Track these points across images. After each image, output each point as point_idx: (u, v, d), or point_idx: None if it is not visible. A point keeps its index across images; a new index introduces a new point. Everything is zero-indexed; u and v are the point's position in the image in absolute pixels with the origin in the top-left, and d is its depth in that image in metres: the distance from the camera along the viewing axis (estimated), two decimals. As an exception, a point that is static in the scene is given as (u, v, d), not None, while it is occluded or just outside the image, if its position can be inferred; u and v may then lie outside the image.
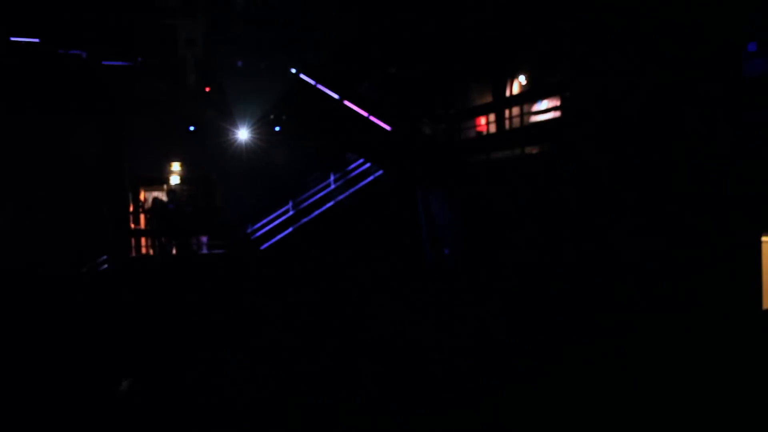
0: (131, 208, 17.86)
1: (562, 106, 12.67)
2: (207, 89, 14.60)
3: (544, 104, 13.97)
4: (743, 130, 8.23)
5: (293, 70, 15.15)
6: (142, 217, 18.25)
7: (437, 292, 13.56)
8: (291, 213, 16.70)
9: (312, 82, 15.20)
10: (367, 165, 16.88)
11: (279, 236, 16.49)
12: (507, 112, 14.18)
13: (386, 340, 10.32)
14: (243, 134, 15.56)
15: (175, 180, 17.61)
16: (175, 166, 17.44)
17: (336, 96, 15.42)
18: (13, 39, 14.48)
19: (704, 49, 8.72)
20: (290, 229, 16.50)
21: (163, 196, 17.11)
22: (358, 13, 15.73)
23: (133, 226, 17.95)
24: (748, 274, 8.11)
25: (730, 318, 7.58)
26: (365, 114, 15.41)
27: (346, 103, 15.46)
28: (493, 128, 14.51)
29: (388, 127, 15.48)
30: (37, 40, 14.59)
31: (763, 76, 8.27)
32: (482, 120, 15.11)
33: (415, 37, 15.59)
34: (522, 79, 15.31)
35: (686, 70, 8.83)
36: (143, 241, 17.56)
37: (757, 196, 7.97)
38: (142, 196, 18.55)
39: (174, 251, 16.37)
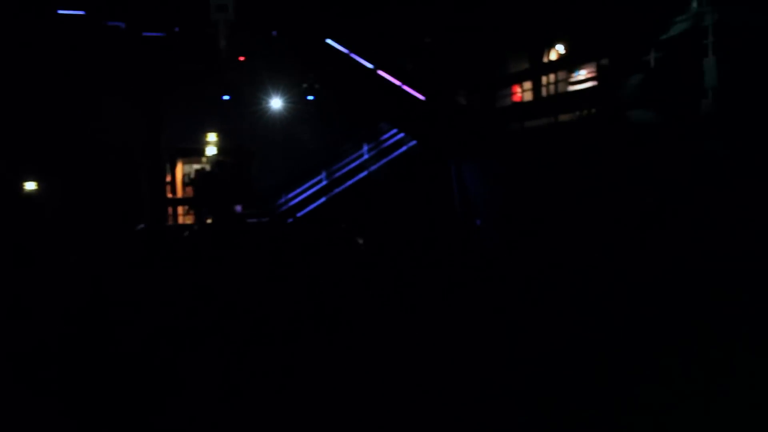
0: (168, 179, 18.15)
1: (598, 74, 12.40)
2: (241, 59, 14.65)
3: (582, 74, 13.69)
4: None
5: (327, 40, 15.08)
6: (179, 187, 18.55)
7: (470, 262, 13.48)
8: (324, 183, 16.78)
9: (345, 51, 15.12)
10: (401, 135, 16.82)
11: (312, 205, 16.62)
12: (544, 79, 13.91)
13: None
14: (277, 104, 15.63)
15: (211, 151, 17.79)
16: (211, 137, 17.60)
17: (370, 65, 15.32)
18: (60, 12, 14.70)
19: None
20: (323, 199, 16.60)
21: (205, 168, 17.35)
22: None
23: (170, 195, 18.26)
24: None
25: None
26: (399, 83, 15.30)
27: (380, 72, 15.35)
28: (528, 96, 14.27)
29: (422, 97, 15.35)
30: (82, 13, 14.79)
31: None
32: (518, 90, 14.87)
33: (451, 5, 15.37)
34: (560, 48, 14.99)
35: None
36: (180, 210, 17.86)
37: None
38: (179, 167, 18.82)
39: (209, 220, 16.63)
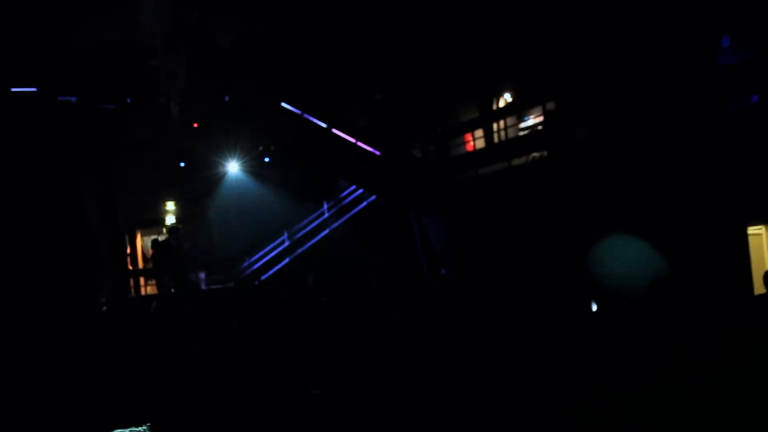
0: (128, 250, 17.91)
1: (545, 118, 12.81)
2: (195, 125, 14.74)
3: (530, 122, 14.16)
4: (725, 118, 8.32)
5: (280, 101, 15.32)
6: (140, 257, 18.30)
7: (436, 311, 13.44)
8: (287, 244, 16.74)
9: (299, 112, 15.35)
10: (360, 191, 16.97)
11: (276, 267, 16.51)
12: (495, 126, 14.30)
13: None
14: (234, 168, 15.68)
15: (170, 219, 17.67)
16: (170, 205, 17.52)
17: (323, 125, 15.54)
18: (14, 90, 14.71)
19: (681, 44, 8.85)
20: (287, 260, 16.53)
21: (160, 237, 17.17)
22: (343, 42, 15.97)
23: (131, 267, 17.99)
24: (738, 265, 8.11)
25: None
26: (353, 140, 15.52)
27: (334, 131, 15.57)
28: (481, 144, 14.63)
29: (377, 152, 15.58)
30: (34, 90, 14.82)
31: (738, 67, 8.38)
32: (470, 139, 15.24)
33: (399, 62, 15.81)
34: (508, 97, 15.49)
35: (665, 63, 8.94)
36: (141, 281, 17.57)
37: (741, 185, 7.99)
38: (138, 238, 18.61)
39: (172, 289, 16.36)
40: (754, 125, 7.77)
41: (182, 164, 15.27)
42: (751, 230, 8.67)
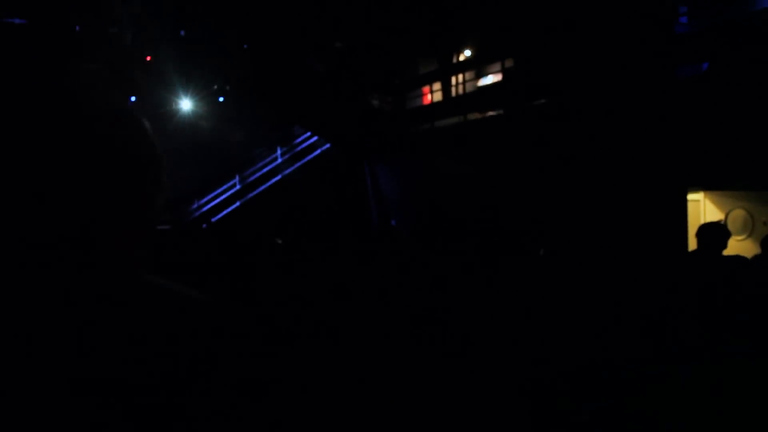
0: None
1: (503, 75, 12.88)
2: (148, 58, 14.26)
3: (490, 79, 14.20)
4: (676, 85, 8.53)
5: (237, 41, 14.94)
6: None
7: (383, 260, 13.58)
8: (238, 187, 16.55)
9: (256, 54, 15.01)
10: (315, 138, 16.83)
11: (225, 211, 16.34)
12: (453, 80, 14.31)
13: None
14: (187, 106, 15.28)
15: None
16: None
17: (282, 69, 15.25)
18: None
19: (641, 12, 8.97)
20: (237, 204, 16.36)
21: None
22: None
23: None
24: (677, 228, 8.43)
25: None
26: (312, 87, 15.30)
27: (292, 76, 15.31)
28: (438, 98, 14.65)
29: (335, 100, 15.42)
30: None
31: (691, 35, 8.57)
32: (428, 92, 15.24)
33: (362, 11, 15.55)
34: (468, 53, 15.48)
35: (622, 29, 9.05)
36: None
37: (684, 152, 8.24)
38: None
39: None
40: (701, 92, 7.99)
41: (132, 98, 14.80)
42: (691, 197, 9.00)
